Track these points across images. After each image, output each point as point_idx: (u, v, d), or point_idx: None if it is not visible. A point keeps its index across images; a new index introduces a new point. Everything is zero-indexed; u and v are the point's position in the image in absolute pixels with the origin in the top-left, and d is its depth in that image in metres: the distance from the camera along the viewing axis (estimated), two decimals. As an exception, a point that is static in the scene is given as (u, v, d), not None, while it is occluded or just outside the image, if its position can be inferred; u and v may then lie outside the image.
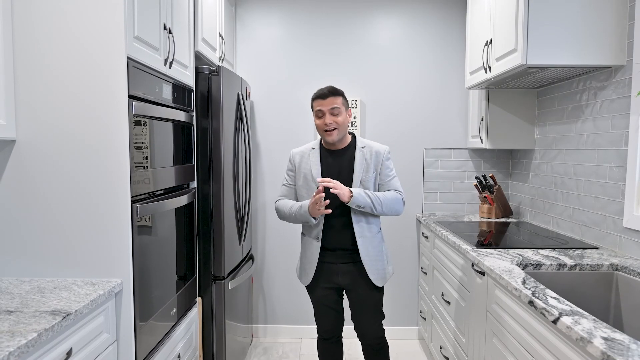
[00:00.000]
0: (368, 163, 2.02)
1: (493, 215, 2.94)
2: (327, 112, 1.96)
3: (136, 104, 1.56)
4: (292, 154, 2.14)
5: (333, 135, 1.97)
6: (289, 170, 2.14)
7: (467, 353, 2.08)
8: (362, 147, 2.05)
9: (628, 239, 1.91)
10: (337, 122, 1.96)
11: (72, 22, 1.49)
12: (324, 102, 1.96)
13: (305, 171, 2.05)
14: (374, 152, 2.04)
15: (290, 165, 2.13)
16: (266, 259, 3.30)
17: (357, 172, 2.00)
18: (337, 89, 1.99)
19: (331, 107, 1.95)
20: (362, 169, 2.01)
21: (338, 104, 1.97)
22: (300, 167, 2.08)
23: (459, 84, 3.19)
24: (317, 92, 2.00)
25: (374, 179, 2.04)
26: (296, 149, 2.16)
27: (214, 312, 2.37)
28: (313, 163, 2.04)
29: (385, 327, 3.29)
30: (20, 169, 1.53)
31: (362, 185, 2.00)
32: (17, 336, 1.09)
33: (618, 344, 1.07)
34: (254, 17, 3.19)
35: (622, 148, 1.94)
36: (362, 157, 2.03)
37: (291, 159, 2.13)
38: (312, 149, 2.09)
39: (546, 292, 1.43)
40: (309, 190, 2.03)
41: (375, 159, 2.04)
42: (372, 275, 2.02)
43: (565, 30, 1.96)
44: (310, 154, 2.08)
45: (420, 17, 3.17)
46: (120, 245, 1.54)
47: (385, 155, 2.06)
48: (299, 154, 2.12)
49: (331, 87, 1.99)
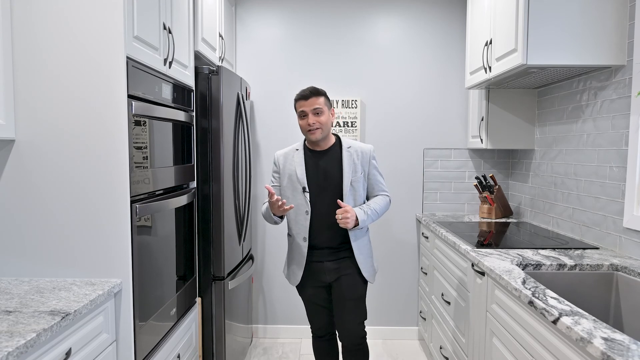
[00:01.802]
0: (355, 163, 2.05)
1: (493, 216, 2.94)
2: (309, 113, 1.98)
3: (135, 103, 1.56)
4: (276, 156, 2.16)
5: (316, 134, 1.99)
6: (274, 172, 2.16)
7: (467, 353, 2.08)
8: (348, 147, 2.07)
9: (628, 239, 1.91)
10: (320, 121, 1.98)
11: (71, 21, 1.49)
12: (306, 103, 1.99)
13: (290, 172, 2.07)
14: (359, 152, 2.07)
15: (275, 167, 2.15)
16: (266, 259, 3.30)
17: (346, 173, 2.02)
18: (318, 89, 2.01)
19: (313, 108, 1.98)
20: (350, 169, 2.03)
21: (320, 104, 1.99)
22: (284, 168, 2.09)
23: (459, 84, 3.19)
24: (299, 94, 2.02)
25: (362, 180, 2.07)
26: (280, 150, 2.18)
27: (214, 312, 2.37)
28: (297, 164, 2.05)
29: (385, 327, 3.34)
30: (19, 169, 1.53)
31: (352, 186, 2.03)
32: (15, 336, 1.08)
33: (618, 344, 1.06)
34: (254, 17, 3.19)
35: (622, 148, 1.94)
36: (349, 158, 2.05)
37: (275, 161, 2.15)
38: (296, 150, 2.11)
39: (546, 293, 1.43)
40: (294, 191, 2.05)
41: (362, 159, 2.07)
42: (364, 271, 2.07)
43: (566, 30, 1.96)
44: (294, 155, 2.09)
45: (421, 17, 3.17)
46: (120, 245, 1.54)
47: (371, 154, 2.10)
48: (282, 155, 2.13)
49: (312, 88, 2.00)
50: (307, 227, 2.03)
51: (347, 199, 2.02)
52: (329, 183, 2.03)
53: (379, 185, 2.14)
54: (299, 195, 2.04)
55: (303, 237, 2.04)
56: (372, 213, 2.02)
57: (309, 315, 2.22)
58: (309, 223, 2.03)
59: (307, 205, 2.02)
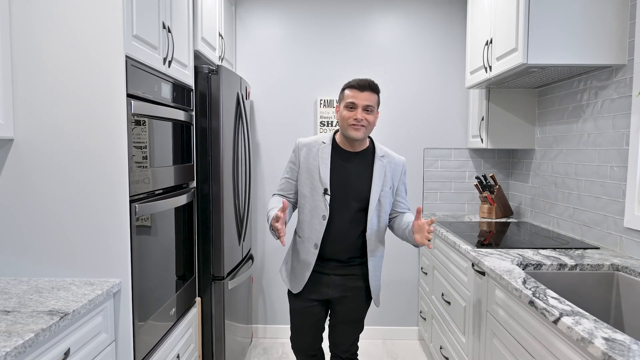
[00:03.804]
0: (386, 176, 1.83)
1: (493, 215, 2.93)
2: (360, 106, 1.73)
3: (135, 103, 1.55)
4: (298, 143, 1.87)
5: (360, 132, 1.75)
6: (292, 163, 1.89)
7: (467, 353, 2.07)
8: (382, 156, 1.85)
9: (629, 239, 1.90)
10: (368, 120, 1.75)
11: (70, 20, 1.49)
12: (360, 95, 1.73)
13: (312, 167, 1.81)
14: (392, 164, 1.86)
15: (294, 157, 1.88)
16: (266, 259, 3.29)
17: (375, 187, 1.80)
18: (376, 85, 1.77)
19: (366, 104, 1.73)
20: (380, 182, 1.81)
21: (374, 102, 1.75)
22: (306, 161, 1.83)
23: (459, 84, 3.19)
24: (354, 81, 1.75)
25: (389, 196, 1.85)
26: (304, 139, 1.88)
27: (214, 312, 2.36)
28: (322, 160, 1.80)
29: (385, 327, 3.33)
30: (18, 168, 1.52)
31: (380, 202, 1.81)
32: (14, 336, 1.08)
33: (619, 344, 1.06)
34: (254, 16, 3.19)
35: (623, 148, 1.94)
36: (381, 169, 1.82)
37: (296, 150, 1.87)
38: (322, 143, 1.84)
39: (547, 292, 1.42)
40: (312, 190, 1.80)
41: (393, 172, 1.86)
42: (374, 293, 1.91)
43: (566, 30, 1.95)
44: (319, 149, 1.83)
45: (421, 17, 3.16)
46: (119, 245, 1.53)
47: (403, 169, 1.90)
48: (306, 145, 1.85)
49: (371, 81, 1.75)
50: (322, 234, 1.79)
51: (371, 215, 1.80)
52: (355, 191, 1.80)
53: (404, 202, 1.93)
54: (318, 197, 1.79)
55: (314, 244, 1.81)
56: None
57: (293, 330, 1.99)
58: (324, 229, 1.79)
59: (326, 209, 1.78)
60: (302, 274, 1.86)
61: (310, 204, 1.82)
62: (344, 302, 1.89)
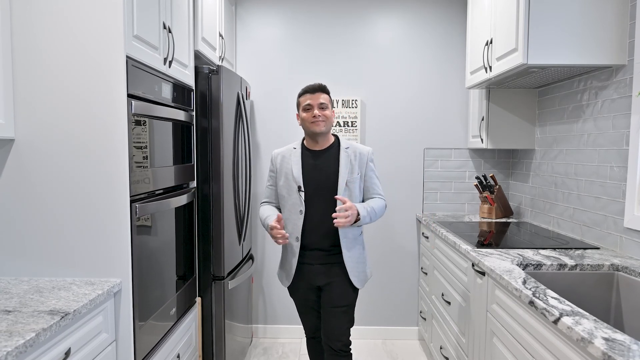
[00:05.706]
0: (352, 164, 2.03)
1: (493, 216, 2.94)
2: (315, 106, 1.98)
3: (135, 103, 1.55)
4: (273, 155, 2.14)
5: (320, 126, 1.98)
6: (271, 172, 2.15)
7: (468, 353, 2.08)
8: (346, 148, 2.05)
9: (629, 239, 1.91)
10: (326, 115, 1.99)
11: (71, 20, 1.49)
12: (312, 97, 1.99)
13: (287, 171, 2.05)
14: (357, 153, 2.05)
15: (272, 166, 2.13)
16: (266, 259, 3.29)
17: (342, 173, 2.00)
18: (325, 86, 2.03)
19: (319, 102, 1.98)
20: (347, 170, 2.01)
21: (326, 100, 2.00)
22: (281, 167, 2.08)
23: (459, 84, 3.19)
24: (304, 88, 2.03)
25: (358, 181, 2.04)
26: (277, 149, 2.15)
27: (214, 312, 2.37)
28: (294, 162, 2.03)
29: (385, 327, 3.33)
30: (18, 168, 1.52)
31: (348, 186, 2.00)
32: (15, 336, 1.08)
33: (619, 344, 1.06)
34: (254, 16, 3.19)
35: (623, 148, 1.94)
36: (346, 158, 2.03)
37: (273, 160, 2.13)
38: (293, 149, 2.09)
39: (547, 293, 1.42)
40: (289, 190, 2.03)
41: (359, 160, 2.04)
42: (353, 277, 2.02)
43: (566, 30, 1.95)
44: (291, 154, 2.07)
45: (421, 17, 3.16)
46: (119, 245, 1.54)
47: (368, 156, 2.07)
48: (280, 154, 2.11)
49: (321, 84, 2.03)
50: (300, 227, 2.00)
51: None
52: (325, 183, 2.00)
53: (375, 188, 2.10)
54: (294, 195, 2.02)
55: (296, 237, 2.02)
56: (371, 211, 1.98)
57: (301, 317, 2.20)
58: (302, 223, 2.00)
59: (301, 204, 1.99)
60: (290, 267, 2.08)
61: (288, 203, 2.04)
62: (330, 288, 2.04)
